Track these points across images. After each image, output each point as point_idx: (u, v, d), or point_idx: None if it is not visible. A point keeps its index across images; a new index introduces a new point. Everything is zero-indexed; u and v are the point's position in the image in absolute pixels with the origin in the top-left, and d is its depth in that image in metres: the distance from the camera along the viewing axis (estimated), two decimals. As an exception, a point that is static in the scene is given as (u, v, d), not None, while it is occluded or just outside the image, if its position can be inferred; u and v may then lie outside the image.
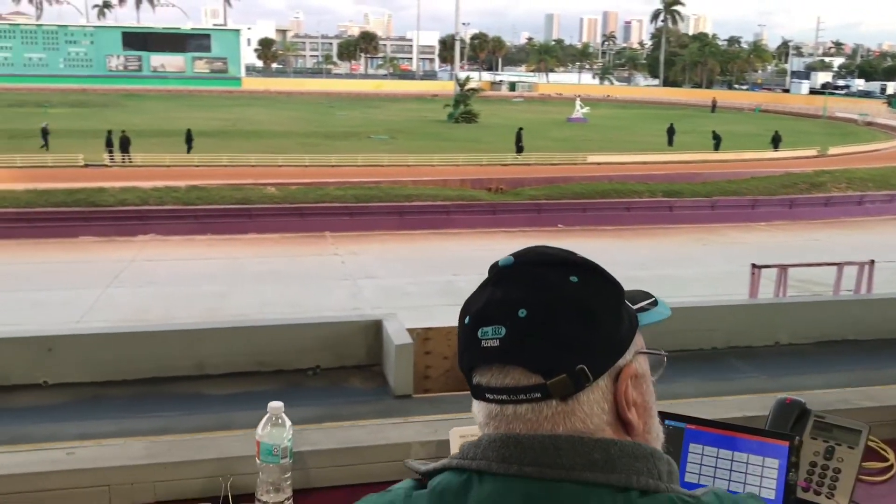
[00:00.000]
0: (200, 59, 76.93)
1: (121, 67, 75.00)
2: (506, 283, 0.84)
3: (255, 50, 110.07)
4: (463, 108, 49.30)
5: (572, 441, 0.80)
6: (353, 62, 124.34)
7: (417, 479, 0.86)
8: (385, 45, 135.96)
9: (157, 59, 75.84)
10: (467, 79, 55.92)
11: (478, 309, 0.85)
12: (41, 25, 76.94)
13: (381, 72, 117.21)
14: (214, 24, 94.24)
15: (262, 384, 6.52)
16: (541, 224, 22.64)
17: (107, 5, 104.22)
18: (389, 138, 38.76)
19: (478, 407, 0.86)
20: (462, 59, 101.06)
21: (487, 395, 0.83)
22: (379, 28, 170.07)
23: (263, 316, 12.55)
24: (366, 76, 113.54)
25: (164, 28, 79.12)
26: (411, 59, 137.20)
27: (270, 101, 63.38)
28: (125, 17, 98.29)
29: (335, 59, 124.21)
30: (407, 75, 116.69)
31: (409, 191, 24.94)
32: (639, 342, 0.89)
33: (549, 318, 0.81)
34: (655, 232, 22.27)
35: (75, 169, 26.48)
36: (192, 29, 79.48)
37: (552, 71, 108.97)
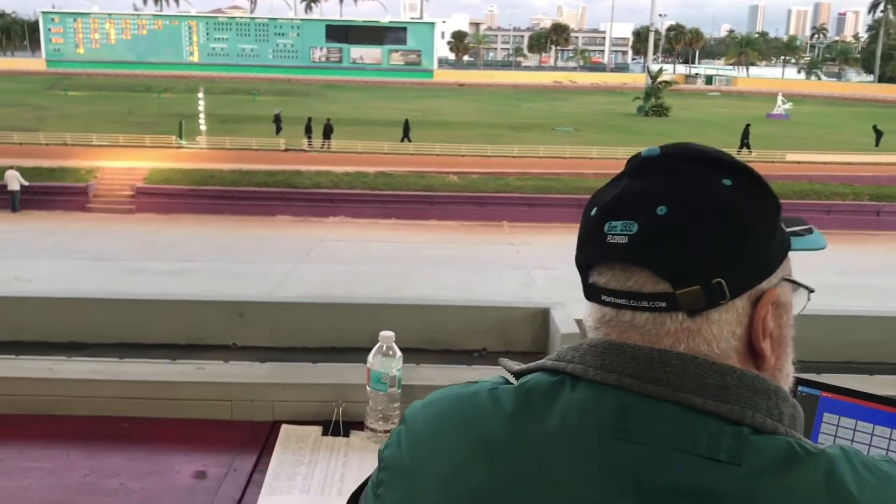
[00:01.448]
0: (396, 51, 79.80)
1: (323, 59, 79.35)
2: (646, 175, 0.74)
3: (448, 43, 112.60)
4: (654, 101, 47.88)
5: (684, 360, 0.71)
6: (544, 55, 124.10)
7: (506, 379, 0.79)
8: (577, 37, 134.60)
9: (357, 52, 79.49)
10: (660, 71, 54.17)
11: (608, 200, 0.75)
12: (254, 19, 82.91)
13: (571, 64, 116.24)
14: (411, 18, 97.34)
15: (428, 362, 6.75)
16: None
17: (314, 0, 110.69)
18: (574, 130, 38.42)
19: (590, 310, 0.77)
20: (656, 51, 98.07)
21: (604, 297, 0.74)
22: (572, 20, 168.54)
23: (439, 296, 12.93)
24: (555, 68, 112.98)
25: (364, 21, 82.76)
26: (603, 51, 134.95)
27: (459, 93, 64.64)
28: (329, 10, 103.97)
29: (525, 51, 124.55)
30: (597, 67, 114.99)
31: (590, 183, 24.60)
32: (787, 268, 0.78)
33: (692, 220, 0.70)
34: (858, 238, 20.65)
35: (277, 153, 28.37)
36: (390, 22, 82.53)
37: (753, 65, 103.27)
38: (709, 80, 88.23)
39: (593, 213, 0.76)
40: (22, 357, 1.70)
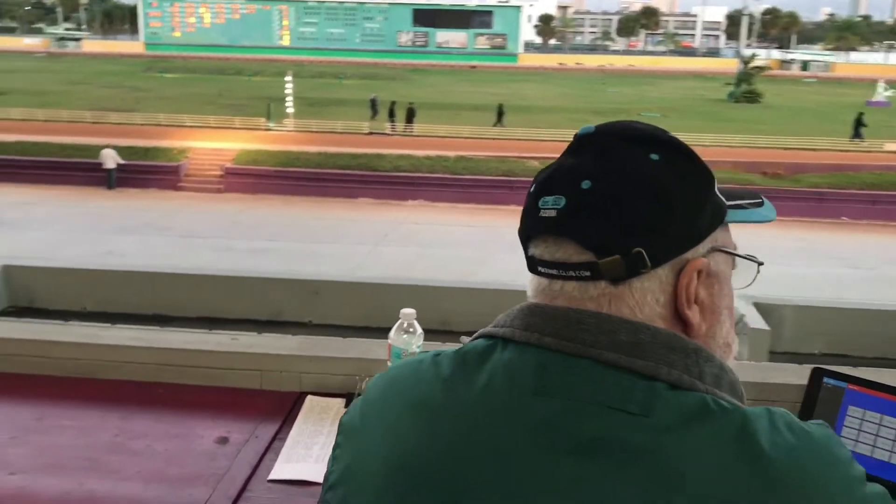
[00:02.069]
0: (482, 35, 79.59)
1: (409, 43, 79.85)
2: (579, 152, 0.78)
3: (535, 26, 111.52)
4: (745, 87, 46.38)
5: (599, 317, 0.74)
6: (632, 39, 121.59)
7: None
8: (667, 20, 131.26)
9: (442, 35, 79.66)
10: (753, 56, 52.40)
11: (544, 177, 0.79)
12: (343, 3, 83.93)
13: (661, 48, 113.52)
14: (498, 2, 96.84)
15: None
16: (821, 215, 20.85)
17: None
18: (660, 116, 37.60)
19: (528, 280, 0.81)
20: (750, 35, 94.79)
21: (539, 269, 0.78)
22: (663, 4, 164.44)
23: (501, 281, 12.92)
24: (643, 53, 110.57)
25: (451, 5, 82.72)
26: (694, 35, 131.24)
27: (544, 77, 64.03)
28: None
29: (613, 35, 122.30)
30: (687, 52, 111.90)
31: (675, 171, 24.14)
32: (722, 239, 0.80)
33: (613, 193, 0.74)
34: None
35: (360, 136, 28.74)
36: (477, 6, 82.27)
37: (853, 50, 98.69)
38: (805, 65, 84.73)
39: (532, 189, 0.80)
40: (70, 322, 1.79)
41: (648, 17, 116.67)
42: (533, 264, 0.79)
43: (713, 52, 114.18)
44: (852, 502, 0.69)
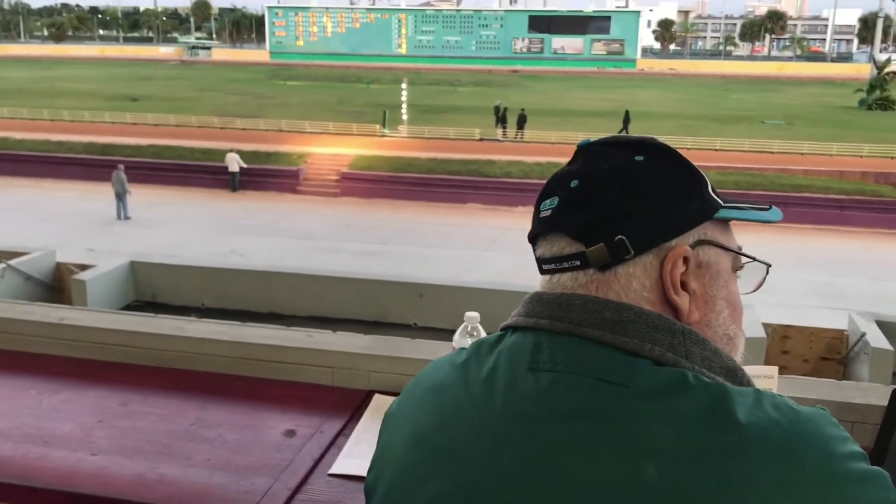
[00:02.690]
0: (598, 40, 78.58)
1: (524, 49, 79.73)
2: (575, 160, 0.86)
3: (654, 32, 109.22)
4: (879, 93, 43.88)
5: (585, 300, 0.79)
6: (757, 43, 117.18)
7: None
8: (795, 24, 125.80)
9: (558, 42, 79.14)
10: (888, 61, 49.50)
11: (545, 184, 0.87)
12: (460, 11, 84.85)
13: (787, 53, 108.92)
14: (617, 7, 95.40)
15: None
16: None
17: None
18: (785, 124, 36.05)
19: (541, 280, 0.87)
20: (885, 39, 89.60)
21: (543, 266, 0.85)
22: (791, 7, 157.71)
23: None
24: (768, 58, 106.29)
25: (567, 11, 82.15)
26: (824, 39, 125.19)
27: (663, 83, 62.61)
28: (534, 1, 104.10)
29: (737, 40, 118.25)
30: (816, 57, 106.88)
31: (798, 181, 23.07)
32: (715, 235, 0.84)
33: (597, 188, 0.81)
34: None
35: (471, 142, 28.93)
36: (594, 11, 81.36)
37: None
38: (949, 69, 79.29)
39: (538, 197, 0.87)
40: (161, 316, 1.90)
41: (774, 21, 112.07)
42: (539, 264, 0.86)
43: (844, 57, 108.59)
44: (831, 475, 0.68)
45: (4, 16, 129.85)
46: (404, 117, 32.31)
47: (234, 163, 24.38)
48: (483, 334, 1.57)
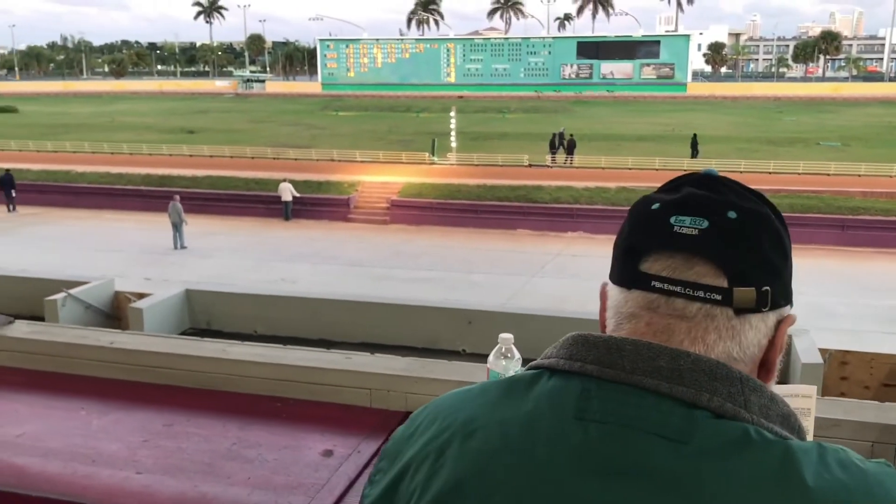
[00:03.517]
0: (648, 65, 78.19)
1: (573, 75, 79.73)
2: (710, 187, 0.79)
3: (704, 55, 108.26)
4: (940, 112, 42.73)
5: (637, 345, 0.74)
6: (810, 64, 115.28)
7: None
8: (850, 44, 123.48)
9: (607, 67, 78.98)
10: (950, 79, 48.19)
11: (674, 199, 0.78)
12: (508, 39, 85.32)
13: (842, 74, 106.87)
14: (666, 31, 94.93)
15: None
16: None
17: (567, 18, 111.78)
18: (841, 145, 35.31)
19: (631, 296, 0.78)
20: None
21: (655, 284, 0.76)
22: (846, 27, 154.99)
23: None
24: (822, 79, 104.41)
25: (615, 36, 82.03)
26: (881, 59, 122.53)
27: (715, 106, 61.95)
28: (581, 27, 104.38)
29: (790, 61, 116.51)
30: (873, 77, 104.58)
31: (856, 203, 22.52)
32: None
33: (757, 231, 0.76)
34: None
35: (520, 168, 28.96)
36: (643, 36, 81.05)
37: None
38: None
39: (655, 206, 0.79)
40: (205, 339, 1.95)
41: (829, 42, 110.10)
42: (645, 280, 0.77)
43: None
44: None
45: (68, 53, 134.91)
46: (453, 145, 32.54)
47: (286, 192, 24.79)
48: (517, 356, 1.57)
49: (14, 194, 26.18)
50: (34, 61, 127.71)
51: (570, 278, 17.19)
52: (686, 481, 0.66)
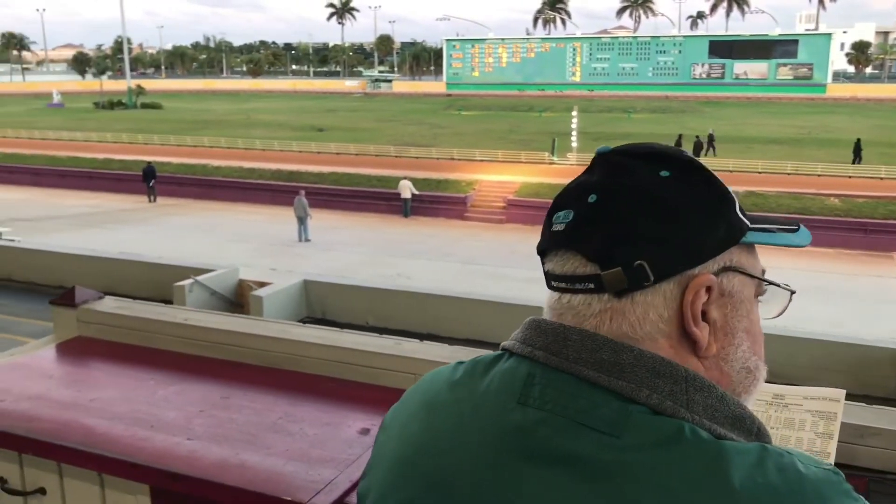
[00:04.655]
0: (784, 65, 74.66)
1: (704, 75, 77.15)
2: (592, 170, 0.80)
3: (847, 54, 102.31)
4: None
5: (583, 335, 0.74)
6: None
7: None
8: None
9: (740, 67, 75.96)
10: None
11: (559, 195, 0.81)
12: (636, 37, 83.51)
13: None
14: (806, 30, 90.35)
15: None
16: None
17: (700, 16, 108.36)
18: None
19: (547, 295, 0.81)
20: None
21: (552, 283, 0.79)
22: None
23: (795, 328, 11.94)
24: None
25: (750, 35, 78.75)
26: None
27: (856, 109, 58.52)
28: (715, 25, 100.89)
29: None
30: None
31: None
32: (741, 260, 0.78)
33: (617, 206, 0.74)
34: None
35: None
36: (780, 35, 77.40)
37: None
38: None
39: (551, 207, 0.82)
40: (267, 319, 2.05)
41: None
42: (548, 279, 0.80)
43: None
44: None
45: (210, 53, 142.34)
46: (574, 144, 32.22)
47: (406, 190, 25.28)
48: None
49: (154, 186, 27.94)
50: (179, 60, 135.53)
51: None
52: (609, 474, 0.66)
